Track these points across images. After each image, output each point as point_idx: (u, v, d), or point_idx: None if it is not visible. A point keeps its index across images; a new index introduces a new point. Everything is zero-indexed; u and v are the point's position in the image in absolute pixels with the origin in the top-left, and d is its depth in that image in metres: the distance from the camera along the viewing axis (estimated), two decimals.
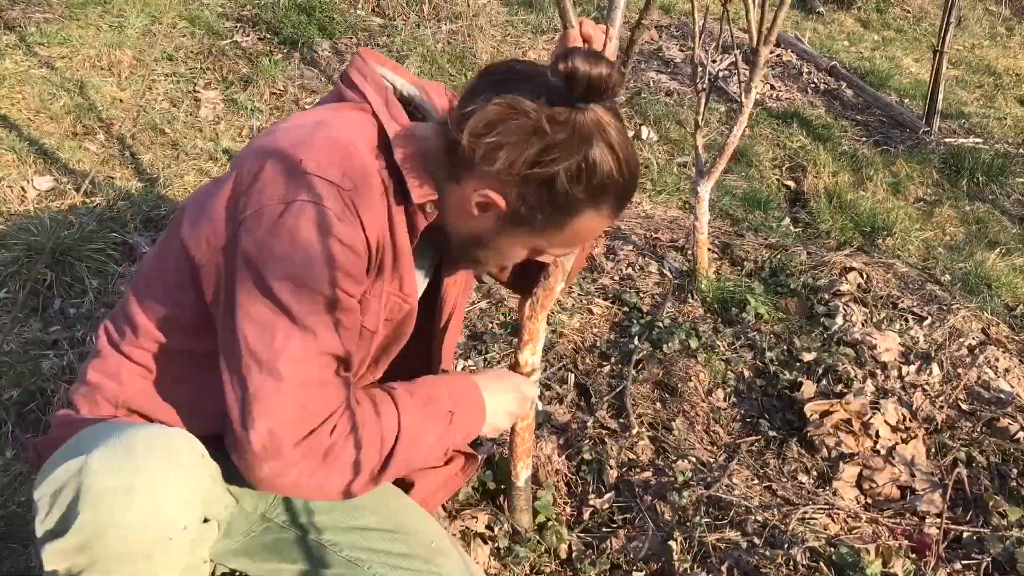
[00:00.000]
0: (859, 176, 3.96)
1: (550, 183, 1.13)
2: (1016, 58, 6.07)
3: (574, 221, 1.18)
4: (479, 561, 1.70)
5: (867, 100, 4.86)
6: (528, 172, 1.12)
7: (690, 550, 1.75)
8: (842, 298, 2.65)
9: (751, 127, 4.21)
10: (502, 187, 1.15)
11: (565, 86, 1.09)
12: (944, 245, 3.47)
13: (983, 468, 2.03)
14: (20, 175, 2.72)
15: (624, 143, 1.15)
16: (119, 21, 3.51)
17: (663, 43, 5.12)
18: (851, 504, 1.93)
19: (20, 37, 3.26)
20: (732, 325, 2.56)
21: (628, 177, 1.17)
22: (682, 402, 2.20)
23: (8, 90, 2.99)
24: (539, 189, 1.14)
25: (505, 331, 2.40)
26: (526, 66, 1.18)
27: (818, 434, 2.09)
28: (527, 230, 1.20)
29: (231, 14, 3.83)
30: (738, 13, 4.46)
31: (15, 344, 2.15)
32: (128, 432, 1.10)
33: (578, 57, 1.07)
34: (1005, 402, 2.22)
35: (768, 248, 3.01)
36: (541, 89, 1.10)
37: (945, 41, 4.35)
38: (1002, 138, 4.63)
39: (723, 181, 3.66)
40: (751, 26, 2.49)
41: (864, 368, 2.33)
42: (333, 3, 4.07)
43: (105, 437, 1.10)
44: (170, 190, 2.80)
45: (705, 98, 2.67)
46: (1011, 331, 2.65)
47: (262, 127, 3.26)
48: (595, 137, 1.11)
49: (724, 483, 1.92)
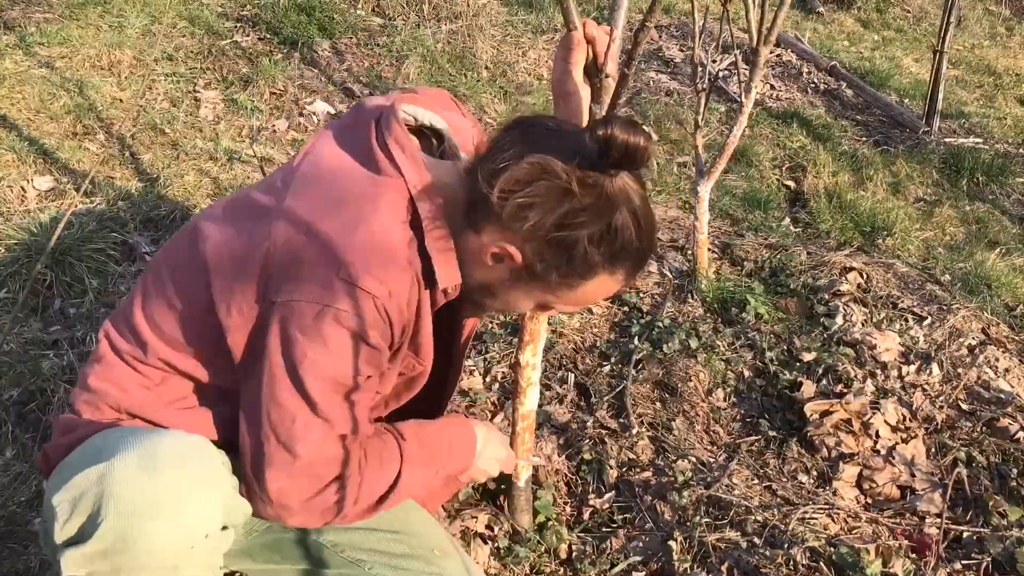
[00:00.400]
0: (859, 176, 3.96)
1: (571, 245, 1.14)
2: (1016, 58, 6.07)
3: (588, 283, 1.20)
4: (479, 561, 1.70)
5: (867, 100, 4.86)
6: (553, 234, 1.13)
7: (690, 550, 1.75)
8: (842, 298, 2.65)
9: (751, 127, 4.21)
10: (521, 242, 1.16)
11: (600, 152, 1.10)
12: (944, 245, 3.47)
13: (983, 468, 2.03)
14: (20, 175, 2.72)
15: (646, 212, 1.17)
16: (119, 21, 3.51)
17: (663, 43, 5.12)
18: (851, 504, 1.93)
19: (20, 37, 3.26)
20: (732, 325, 2.56)
21: (646, 245, 1.20)
22: (682, 402, 2.20)
23: (8, 90, 2.99)
24: (559, 249, 1.15)
25: (505, 331, 2.40)
26: (558, 123, 1.20)
27: (818, 434, 2.09)
28: (540, 286, 1.22)
29: (231, 14, 3.83)
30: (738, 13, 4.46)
31: (15, 344, 2.15)
32: (150, 438, 1.11)
33: (617, 125, 1.08)
34: (1005, 402, 2.22)
35: (768, 248, 3.01)
36: (574, 150, 1.12)
37: (945, 41, 4.35)
38: (1002, 138, 4.63)
39: (723, 181, 3.66)
40: (751, 26, 2.49)
41: (864, 368, 2.33)
42: (333, 3, 4.06)
43: (126, 443, 1.10)
44: (170, 190, 2.80)
45: (705, 98, 2.67)
46: (1011, 331, 2.65)
47: (262, 127, 3.26)
48: (620, 204, 1.13)
49: (724, 483, 1.92)
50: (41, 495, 1.84)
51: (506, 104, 3.90)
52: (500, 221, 1.15)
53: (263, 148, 3.15)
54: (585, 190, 1.11)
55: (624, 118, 1.10)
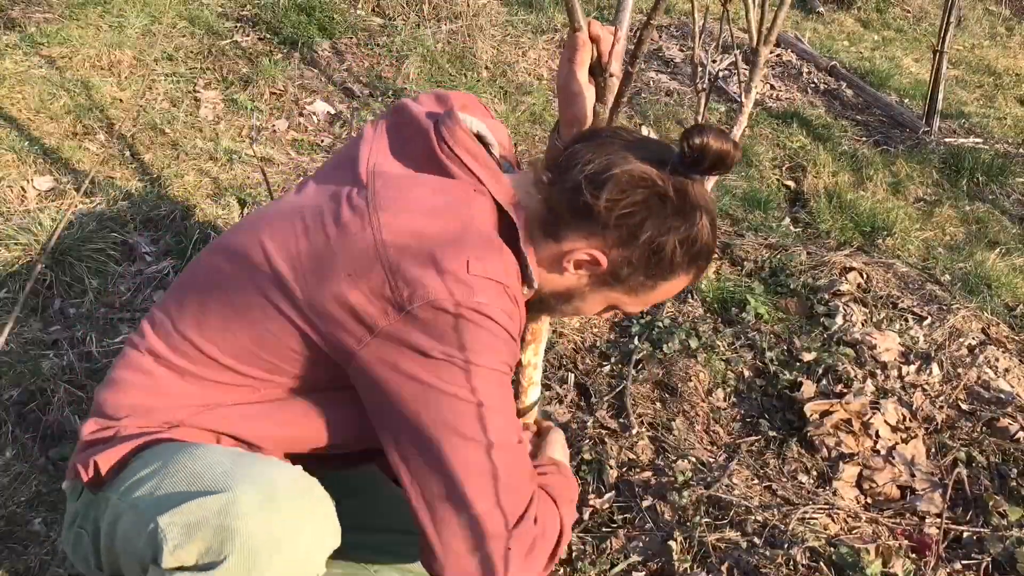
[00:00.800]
0: (859, 176, 3.96)
1: (660, 248, 1.19)
2: (1016, 58, 6.07)
3: (667, 283, 1.25)
4: None
5: (867, 100, 4.86)
6: (647, 239, 1.18)
7: (690, 550, 1.75)
8: (842, 298, 2.66)
9: (751, 127, 4.21)
10: (609, 248, 1.19)
11: (694, 159, 1.14)
12: (944, 245, 3.47)
13: (983, 468, 2.03)
14: (20, 175, 2.72)
15: (715, 213, 1.24)
16: (119, 21, 3.51)
17: (663, 43, 5.12)
18: (851, 504, 1.93)
19: (20, 37, 3.26)
20: (732, 325, 2.56)
21: (716, 244, 1.26)
22: (682, 402, 2.20)
23: (8, 90, 2.99)
24: (650, 253, 1.19)
25: None
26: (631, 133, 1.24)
27: (818, 434, 2.09)
28: (621, 289, 1.25)
29: (231, 14, 3.83)
30: (738, 13, 4.46)
31: (15, 344, 2.15)
32: (265, 472, 1.10)
33: (711, 134, 1.13)
34: (1005, 402, 2.22)
35: (768, 248, 3.02)
36: (661, 158, 1.17)
37: (945, 41, 4.35)
38: (1002, 138, 4.63)
39: (723, 181, 3.65)
40: (751, 26, 2.49)
41: (864, 368, 2.33)
42: (333, 3, 4.06)
43: (239, 474, 1.09)
44: (170, 190, 2.80)
45: (705, 98, 2.67)
46: (1011, 331, 2.65)
47: (262, 127, 3.26)
48: (702, 207, 1.20)
49: (724, 483, 1.92)
50: (41, 495, 1.84)
51: (506, 104, 3.90)
52: (597, 228, 1.18)
53: (263, 148, 3.15)
54: (677, 195, 1.17)
55: (715, 127, 1.16)
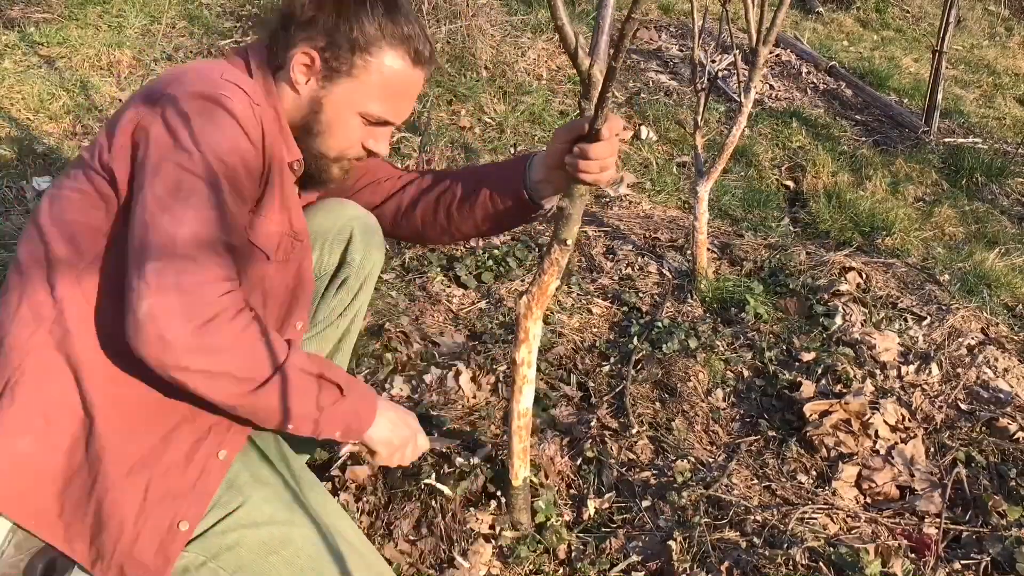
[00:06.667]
0: (858, 176, 3.96)
1: (347, 18, 1.30)
2: (1015, 58, 6.08)
3: (380, 60, 1.33)
4: (482, 561, 1.70)
5: (866, 100, 4.87)
6: (335, 16, 1.31)
7: (690, 550, 1.75)
8: (841, 298, 2.66)
9: (750, 127, 4.21)
10: (315, 46, 1.31)
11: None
12: (943, 245, 3.47)
13: (982, 468, 2.03)
14: (20, 175, 2.72)
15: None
16: (118, 21, 3.51)
17: (663, 43, 5.12)
18: (850, 504, 1.93)
19: (20, 36, 3.26)
20: (731, 325, 2.56)
21: (418, 25, 1.36)
22: (681, 402, 2.20)
23: (8, 90, 2.99)
24: (339, 26, 1.30)
25: (505, 331, 2.40)
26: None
27: (817, 434, 2.09)
28: (345, 79, 1.33)
29: (231, 14, 3.83)
30: (738, 13, 4.46)
31: None
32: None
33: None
34: (1004, 402, 2.22)
35: (767, 248, 3.02)
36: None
37: (944, 41, 4.35)
38: (1001, 138, 4.63)
39: (722, 181, 3.66)
40: (750, 26, 2.50)
41: (863, 368, 2.33)
42: None
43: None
44: None
45: (704, 98, 2.67)
46: (1010, 331, 2.65)
47: None
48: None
49: (723, 483, 1.92)
50: None
51: (505, 104, 3.90)
52: (301, 33, 1.31)
53: None
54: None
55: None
